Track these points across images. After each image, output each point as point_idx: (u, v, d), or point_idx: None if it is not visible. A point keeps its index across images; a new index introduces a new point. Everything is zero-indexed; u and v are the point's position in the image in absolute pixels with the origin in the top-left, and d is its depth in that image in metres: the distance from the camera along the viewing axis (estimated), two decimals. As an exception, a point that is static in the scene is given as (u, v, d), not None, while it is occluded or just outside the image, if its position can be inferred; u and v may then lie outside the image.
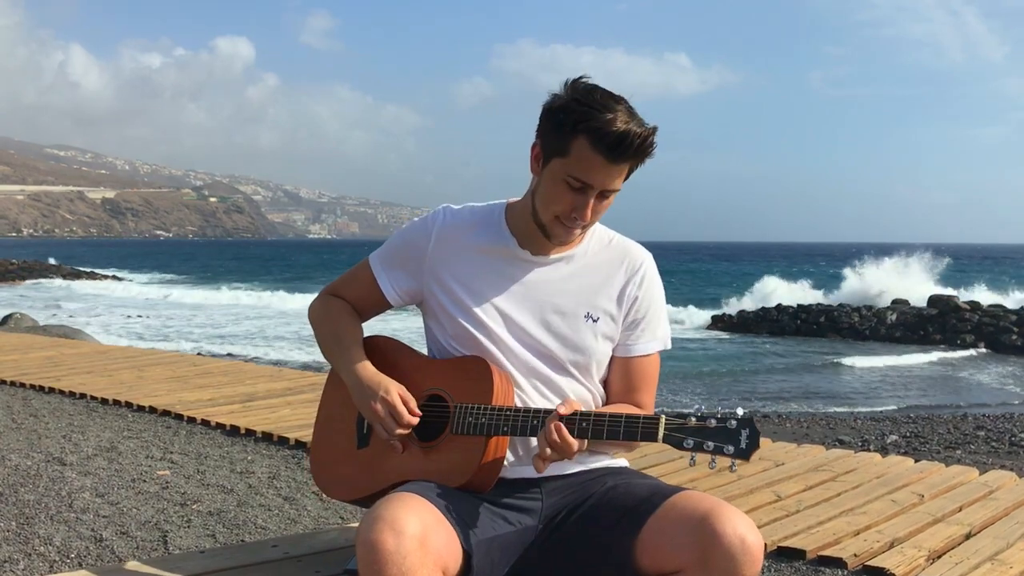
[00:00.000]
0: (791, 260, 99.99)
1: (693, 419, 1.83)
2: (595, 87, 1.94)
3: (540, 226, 2.01)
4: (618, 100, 1.91)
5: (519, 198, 2.12)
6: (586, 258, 2.11)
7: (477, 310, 2.06)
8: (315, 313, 2.26)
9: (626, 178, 1.98)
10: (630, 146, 1.88)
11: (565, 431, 1.85)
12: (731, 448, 1.80)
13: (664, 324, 2.17)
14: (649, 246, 2.18)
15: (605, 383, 2.15)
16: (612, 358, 2.13)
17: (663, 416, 1.84)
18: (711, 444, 1.81)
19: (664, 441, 1.83)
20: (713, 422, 1.81)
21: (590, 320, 2.07)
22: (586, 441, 1.88)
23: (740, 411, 1.83)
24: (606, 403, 2.14)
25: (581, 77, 1.95)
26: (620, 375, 2.13)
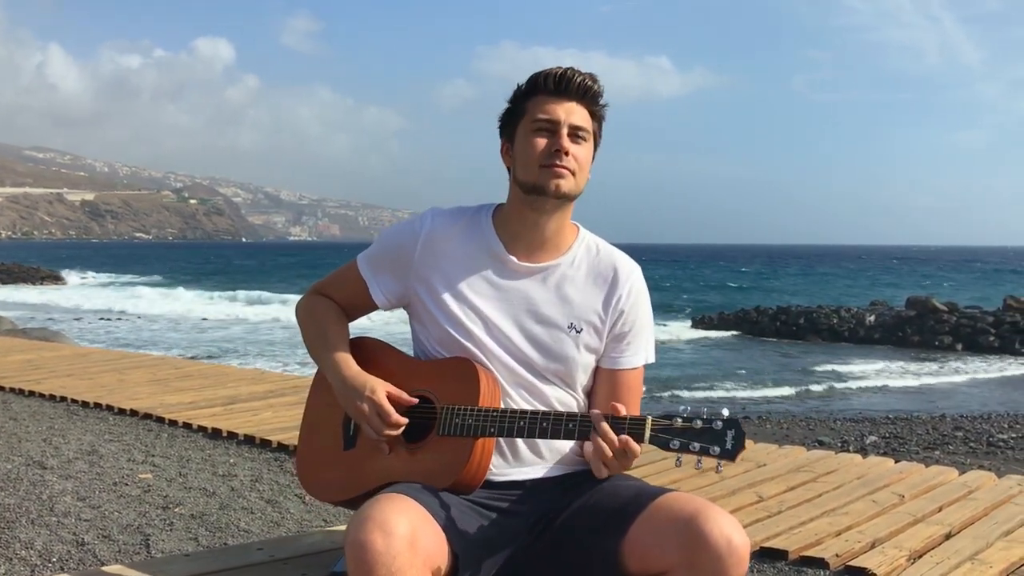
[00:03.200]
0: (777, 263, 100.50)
1: (679, 420, 1.83)
2: None
3: (532, 189, 2.03)
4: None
5: (505, 203, 2.13)
6: (572, 268, 2.11)
7: (461, 315, 2.06)
8: (302, 311, 2.26)
9: (596, 135, 2.08)
10: (572, 80, 2.02)
11: (629, 439, 1.84)
12: (717, 449, 1.80)
13: (650, 338, 2.18)
14: (629, 248, 2.20)
15: (590, 393, 2.15)
16: (598, 369, 2.13)
17: (650, 417, 1.85)
18: (697, 445, 1.81)
19: (651, 442, 1.84)
20: (699, 423, 1.82)
21: (573, 331, 2.07)
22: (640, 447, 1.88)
23: (725, 412, 1.84)
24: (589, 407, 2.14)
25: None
26: (605, 387, 2.12)
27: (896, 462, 5.26)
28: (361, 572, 1.68)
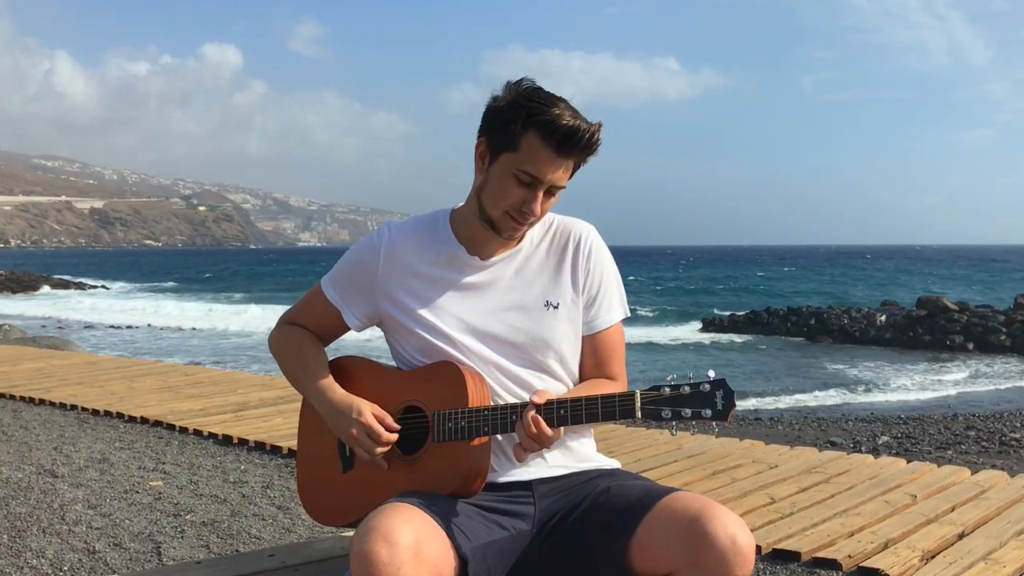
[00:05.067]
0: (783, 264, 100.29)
1: (667, 389, 1.82)
2: (538, 87, 1.98)
3: (488, 222, 2.01)
4: (560, 99, 1.96)
5: (461, 204, 2.12)
6: (533, 248, 2.11)
7: (436, 321, 2.05)
8: (276, 344, 2.24)
9: (570, 176, 2.01)
10: (579, 140, 1.93)
11: (542, 423, 1.85)
12: (708, 411, 1.79)
13: (620, 292, 2.17)
14: (636, 250, 2.17)
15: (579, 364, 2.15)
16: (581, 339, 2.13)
17: (638, 391, 1.84)
18: (688, 411, 1.80)
19: (642, 416, 1.82)
20: (687, 388, 1.80)
21: (550, 308, 2.08)
22: (562, 429, 1.88)
23: (711, 373, 1.82)
24: (579, 382, 2.13)
25: (522, 79, 1.99)
26: (588, 352, 2.13)
27: (908, 462, 5.23)
28: None
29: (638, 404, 1.82)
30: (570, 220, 2.16)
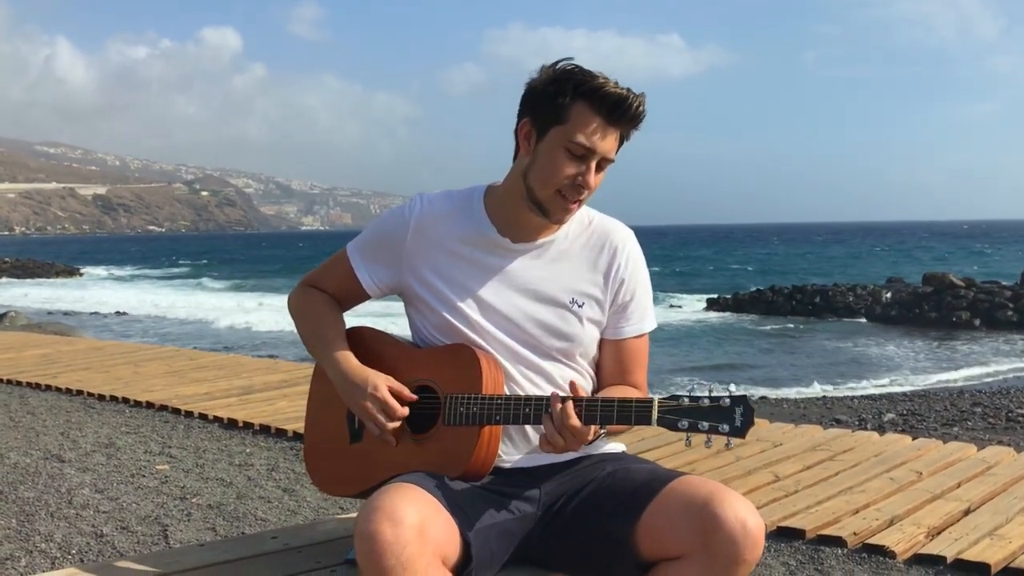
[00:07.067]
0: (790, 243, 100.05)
1: (686, 400, 1.80)
2: (578, 65, 1.95)
3: (537, 203, 1.97)
4: (602, 73, 1.94)
5: (499, 182, 2.08)
6: (567, 242, 2.07)
7: (458, 301, 2.03)
8: (295, 305, 2.22)
9: (616, 150, 1.98)
10: (629, 108, 1.91)
11: (571, 411, 1.82)
12: (726, 427, 1.77)
13: (651, 303, 2.16)
14: (640, 230, 2.16)
15: (597, 366, 2.13)
16: (602, 341, 2.11)
17: (656, 398, 1.82)
18: (706, 424, 1.78)
19: (659, 424, 1.80)
20: (706, 402, 1.79)
21: (575, 306, 2.05)
22: (592, 431, 1.85)
23: (733, 388, 1.81)
24: (599, 386, 2.12)
25: (558, 60, 1.97)
26: (612, 358, 2.11)
27: (914, 439, 5.23)
28: (370, 563, 1.67)
29: (655, 412, 1.80)
30: (610, 221, 2.13)
